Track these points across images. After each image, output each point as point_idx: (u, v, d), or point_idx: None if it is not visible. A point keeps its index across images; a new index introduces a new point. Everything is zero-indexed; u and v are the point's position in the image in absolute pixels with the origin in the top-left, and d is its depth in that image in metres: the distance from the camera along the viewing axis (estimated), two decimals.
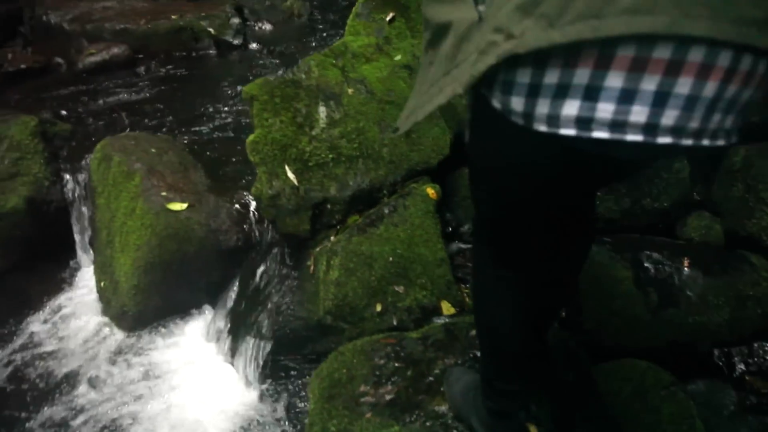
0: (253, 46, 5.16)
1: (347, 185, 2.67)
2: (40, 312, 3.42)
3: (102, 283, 3.26)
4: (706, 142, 0.90)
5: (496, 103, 0.98)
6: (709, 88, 0.84)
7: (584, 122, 0.88)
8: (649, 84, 0.83)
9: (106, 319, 3.20)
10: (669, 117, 0.86)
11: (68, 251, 3.57)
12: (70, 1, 5.65)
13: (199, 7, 5.50)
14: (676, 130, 0.87)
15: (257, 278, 2.81)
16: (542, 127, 0.92)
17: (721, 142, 0.93)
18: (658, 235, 2.89)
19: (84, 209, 3.51)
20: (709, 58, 0.81)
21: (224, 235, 2.94)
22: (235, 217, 2.98)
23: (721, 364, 2.64)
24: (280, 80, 2.79)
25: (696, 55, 0.81)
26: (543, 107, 0.91)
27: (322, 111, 2.76)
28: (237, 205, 3.03)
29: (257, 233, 2.95)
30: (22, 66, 5.12)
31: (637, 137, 0.87)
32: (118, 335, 3.11)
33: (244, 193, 3.07)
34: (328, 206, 2.65)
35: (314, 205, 2.62)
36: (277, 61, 4.70)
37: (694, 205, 2.93)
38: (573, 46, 0.83)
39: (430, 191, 2.75)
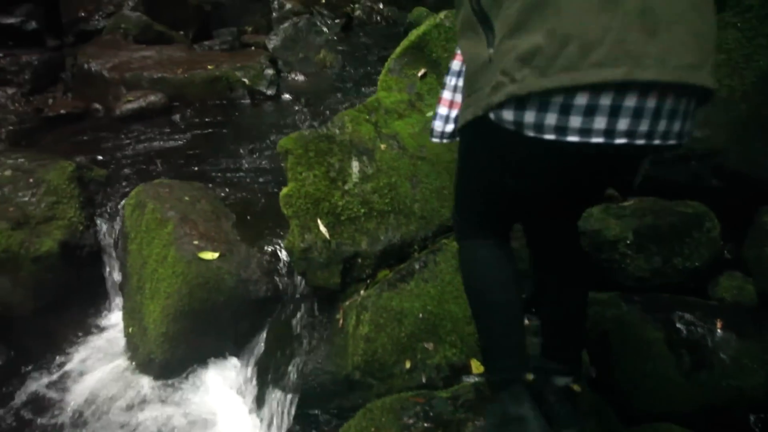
0: (286, 96, 5.29)
1: (378, 240, 2.69)
2: (67, 354, 3.45)
3: (130, 329, 3.28)
4: (657, 141, 1.20)
5: (508, 118, 1.26)
6: (651, 102, 1.15)
7: (562, 130, 1.20)
8: (606, 100, 1.14)
9: (132, 365, 3.22)
10: (623, 123, 1.16)
11: (99, 295, 3.62)
12: (111, 50, 5.86)
13: (234, 58, 5.67)
14: (629, 133, 1.17)
15: (286, 330, 2.81)
16: (550, 136, 1.21)
17: (672, 142, 1.23)
18: (689, 295, 2.85)
19: (116, 254, 3.57)
20: (651, 84, 1.14)
21: (254, 285, 2.96)
22: (266, 268, 3.01)
23: (757, 430, 2.56)
24: (315, 134, 2.84)
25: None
26: (551, 120, 1.19)
27: (355, 166, 2.80)
28: (267, 256, 3.06)
29: (287, 284, 2.97)
30: (62, 111, 5.30)
31: (599, 139, 1.18)
32: (144, 382, 3.12)
33: (275, 244, 3.10)
34: (359, 260, 2.67)
35: (345, 259, 2.64)
36: (310, 112, 4.80)
37: (726, 264, 2.89)
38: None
39: None
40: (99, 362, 3.36)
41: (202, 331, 2.98)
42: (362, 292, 2.63)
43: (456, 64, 1.67)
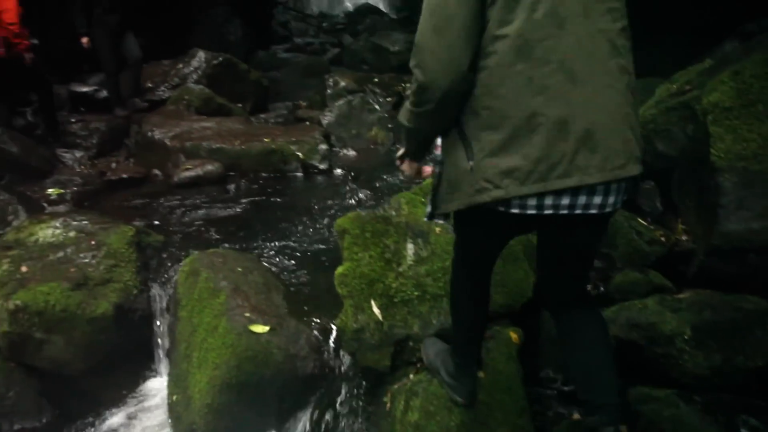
0: (338, 171, 5.42)
1: (431, 324, 2.68)
2: (110, 418, 3.48)
3: (174, 397, 3.29)
4: (609, 210, 1.77)
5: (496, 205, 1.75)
6: (597, 197, 1.72)
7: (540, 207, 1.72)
8: (566, 200, 1.71)
9: None
10: (579, 208, 1.73)
11: (146, 360, 3.66)
12: (173, 120, 6.14)
13: (289, 132, 5.87)
14: (585, 206, 1.73)
15: (331, 409, 2.78)
16: (531, 211, 1.73)
17: (609, 210, 1.76)
18: (753, 397, 2.74)
19: (166, 320, 3.62)
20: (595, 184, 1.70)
21: (302, 361, 2.95)
22: (314, 344, 3.01)
23: None
24: (371, 215, 2.90)
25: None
26: (531, 208, 1.72)
27: (410, 248, 2.83)
28: (316, 332, 3.06)
29: (334, 363, 2.95)
30: (124, 175, 5.52)
31: (564, 211, 1.73)
32: None
33: (325, 321, 3.10)
34: (410, 343, 2.66)
35: (397, 341, 2.63)
36: (361, 188, 4.89)
37: None
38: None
39: (513, 335, 2.73)
40: (140, 428, 3.36)
41: (246, 405, 2.97)
42: (412, 376, 2.60)
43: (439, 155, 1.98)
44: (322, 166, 5.43)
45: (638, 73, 1.81)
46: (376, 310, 2.62)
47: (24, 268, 3.62)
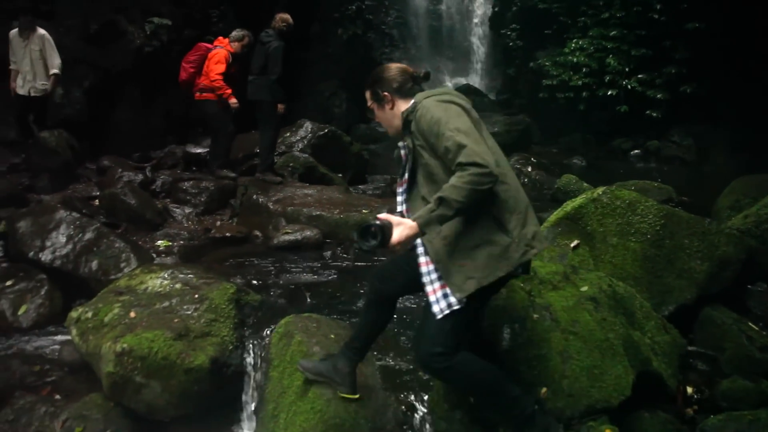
0: None
1: None
2: None
3: None
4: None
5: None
6: None
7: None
8: None
9: None
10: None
11: (234, 415, 3.72)
12: (278, 186, 6.45)
13: (387, 205, 6.00)
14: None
15: None
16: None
17: None
18: None
19: (257, 379, 3.70)
20: None
21: None
22: (401, 419, 2.99)
23: None
24: None
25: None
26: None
27: (507, 332, 2.81)
28: (403, 407, 3.05)
29: None
30: (227, 234, 5.81)
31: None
32: None
33: (413, 397, 3.08)
34: (501, 429, 2.59)
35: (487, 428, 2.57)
36: None
37: None
38: None
39: None
40: None
41: None
42: None
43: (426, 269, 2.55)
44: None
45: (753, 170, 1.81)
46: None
47: (132, 314, 3.84)
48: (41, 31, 7.41)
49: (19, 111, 7.71)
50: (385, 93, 2.68)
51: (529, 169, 9.25)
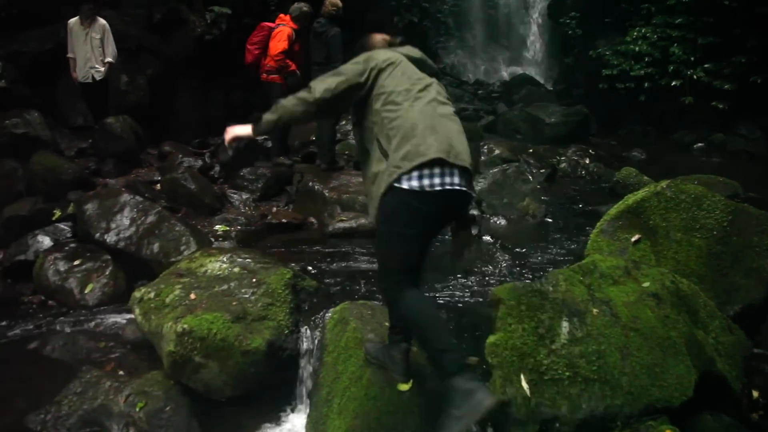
0: (487, 238, 5.42)
1: (579, 407, 2.58)
2: None
3: None
4: (465, 189, 2.59)
5: (405, 185, 2.55)
6: (455, 176, 2.56)
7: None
8: (437, 170, 2.53)
9: None
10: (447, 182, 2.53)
11: (288, 397, 3.80)
12: (333, 173, 6.50)
13: None
14: (451, 184, 2.54)
15: None
16: (429, 189, 2.51)
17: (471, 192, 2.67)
18: None
19: (311, 363, 3.76)
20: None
21: None
22: None
23: None
24: (528, 288, 2.87)
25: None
26: (426, 182, 2.53)
27: (565, 326, 2.76)
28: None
29: (476, 430, 2.90)
30: (283, 220, 5.89)
31: (447, 187, 2.53)
32: None
33: None
34: (557, 425, 2.56)
35: (543, 420, 2.55)
36: (509, 258, 4.86)
37: None
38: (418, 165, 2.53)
39: None
40: None
41: None
42: None
43: None
44: (472, 231, 5.45)
45: None
46: (525, 385, 2.57)
47: (193, 296, 3.95)
48: (102, 20, 7.64)
49: (85, 98, 7.99)
50: None
51: (587, 161, 9.04)
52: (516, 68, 21.66)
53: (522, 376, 2.60)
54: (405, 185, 2.52)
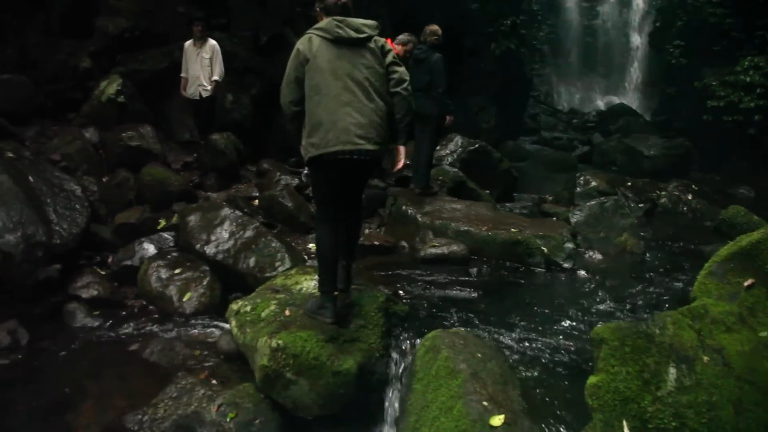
0: (582, 273, 5.25)
1: None
2: None
3: None
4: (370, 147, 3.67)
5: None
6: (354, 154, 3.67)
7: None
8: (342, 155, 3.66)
9: None
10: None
11: (374, 421, 3.79)
12: (427, 198, 6.51)
13: (536, 226, 5.87)
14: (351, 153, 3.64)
15: None
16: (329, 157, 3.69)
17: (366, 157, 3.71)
18: None
19: (400, 389, 3.74)
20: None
21: None
22: None
23: None
24: (633, 329, 2.75)
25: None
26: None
27: (672, 373, 2.62)
28: None
29: None
30: (375, 242, 5.94)
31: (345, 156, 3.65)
32: None
33: (562, 428, 2.97)
34: None
35: None
36: (606, 295, 4.68)
37: None
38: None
39: None
40: None
41: None
42: None
43: None
44: (566, 265, 5.32)
45: None
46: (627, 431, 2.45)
47: (287, 312, 4.04)
48: (212, 41, 8.08)
49: (193, 114, 8.44)
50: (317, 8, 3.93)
51: (689, 196, 8.63)
52: (612, 97, 21.14)
53: (624, 423, 2.48)
54: None
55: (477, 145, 8.09)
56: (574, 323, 4.11)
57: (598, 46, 22.75)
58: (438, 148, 8.06)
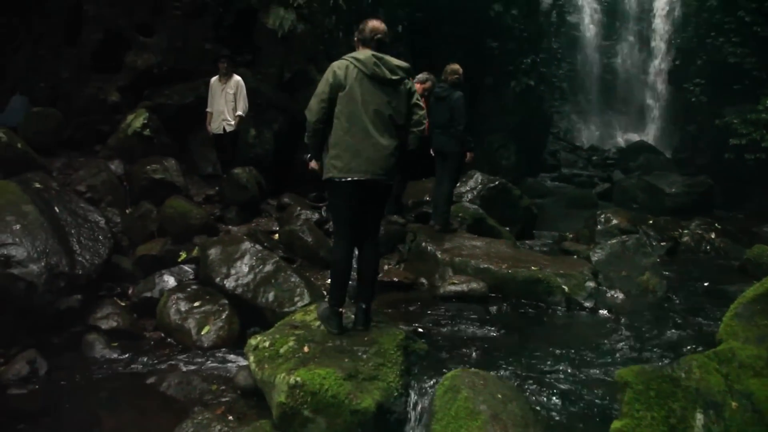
0: (604, 312, 5.18)
1: None
2: None
3: None
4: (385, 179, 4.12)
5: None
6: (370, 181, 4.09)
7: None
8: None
9: None
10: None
11: None
12: (446, 235, 6.50)
13: (557, 263, 5.82)
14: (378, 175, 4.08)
15: None
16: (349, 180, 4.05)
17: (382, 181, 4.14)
18: None
19: (418, 429, 3.68)
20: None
21: None
22: None
23: None
24: (658, 373, 2.70)
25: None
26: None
27: (700, 418, 2.56)
28: None
29: None
30: (395, 279, 5.93)
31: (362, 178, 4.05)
32: None
33: None
34: None
35: None
36: (629, 336, 4.60)
37: None
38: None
39: None
40: None
41: None
42: None
43: None
44: (587, 304, 5.25)
45: None
46: None
47: (306, 349, 4.02)
48: (237, 77, 8.25)
49: (216, 148, 8.57)
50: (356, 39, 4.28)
51: (713, 235, 8.52)
52: (632, 135, 21.12)
53: None
54: None
55: (497, 182, 8.10)
56: (597, 365, 4.04)
57: (618, 83, 22.82)
58: (458, 184, 8.08)
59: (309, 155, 4.49)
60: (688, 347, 4.38)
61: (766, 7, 12.46)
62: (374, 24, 4.20)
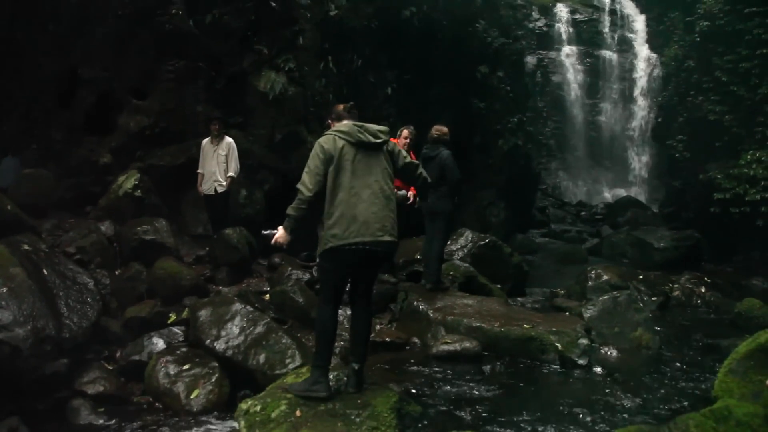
0: (598, 369, 5.14)
1: None
2: None
3: None
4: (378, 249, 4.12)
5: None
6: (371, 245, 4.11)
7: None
8: (361, 245, 4.12)
9: None
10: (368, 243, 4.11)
11: None
12: (438, 294, 6.49)
13: (549, 321, 5.81)
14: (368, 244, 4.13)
15: None
16: (350, 246, 4.08)
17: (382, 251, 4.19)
18: None
19: None
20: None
21: None
22: None
23: None
24: None
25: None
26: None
27: None
28: None
29: None
30: (387, 339, 5.88)
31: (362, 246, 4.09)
32: None
33: None
34: None
35: None
36: (623, 393, 4.56)
37: None
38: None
39: None
40: None
41: None
42: None
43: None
44: (581, 362, 5.21)
45: None
46: None
47: (298, 413, 3.95)
48: (229, 139, 8.35)
49: (207, 209, 8.59)
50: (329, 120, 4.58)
51: (703, 289, 8.56)
52: (619, 190, 21.38)
53: None
54: None
55: (487, 240, 8.14)
56: (592, 424, 3.99)
57: (603, 140, 23.25)
58: (448, 242, 8.11)
59: (272, 231, 4.33)
60: (684, 404, 4.36)
61: (741, 68, 12.84)
62: (341, 105, 4.60)
